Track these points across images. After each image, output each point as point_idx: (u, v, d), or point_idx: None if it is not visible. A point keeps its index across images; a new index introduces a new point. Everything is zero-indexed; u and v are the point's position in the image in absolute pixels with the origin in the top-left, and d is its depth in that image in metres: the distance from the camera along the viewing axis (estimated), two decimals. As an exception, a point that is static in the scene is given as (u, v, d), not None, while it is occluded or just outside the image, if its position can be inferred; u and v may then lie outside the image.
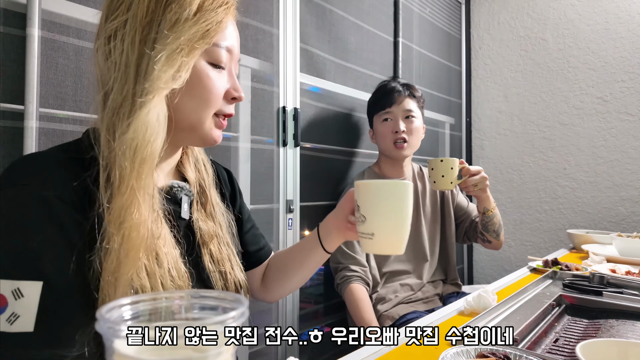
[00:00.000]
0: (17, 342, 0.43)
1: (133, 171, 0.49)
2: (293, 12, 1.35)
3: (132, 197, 0.49)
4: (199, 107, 0.58)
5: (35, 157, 0.52)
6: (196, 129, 0.60)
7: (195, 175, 0.68)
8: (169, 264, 0.54)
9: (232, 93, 0.62)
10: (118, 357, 0.29)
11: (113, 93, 0.52)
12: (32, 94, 0.77)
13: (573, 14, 2.13)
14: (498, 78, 2.38)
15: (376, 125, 1.45)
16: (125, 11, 0.53)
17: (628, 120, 1.97)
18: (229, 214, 0.73)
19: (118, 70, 0.52)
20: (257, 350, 1.26)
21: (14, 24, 0.77)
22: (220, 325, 0.30)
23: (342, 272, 1.31)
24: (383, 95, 1.41)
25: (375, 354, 0.64)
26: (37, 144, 0.78)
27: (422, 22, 2.06)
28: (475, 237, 1.50)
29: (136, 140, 0.49)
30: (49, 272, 0.46)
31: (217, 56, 0.59)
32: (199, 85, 0.57)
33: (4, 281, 0.44)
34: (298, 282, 0.83)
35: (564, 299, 0.89)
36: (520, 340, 0.68)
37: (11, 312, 0.43)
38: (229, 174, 0.82)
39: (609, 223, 2.00)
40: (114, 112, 0.51)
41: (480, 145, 2.44)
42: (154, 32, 0.52)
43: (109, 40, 0.53)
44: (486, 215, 1.35)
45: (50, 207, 0.47)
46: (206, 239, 0.65)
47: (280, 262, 0.84)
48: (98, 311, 0.31)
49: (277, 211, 1.31)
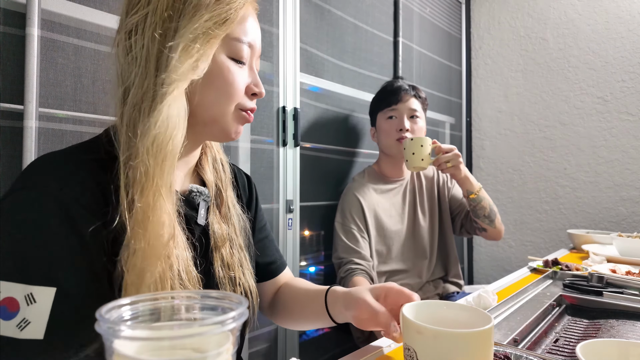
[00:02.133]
0: (25, 350, 0.42)
1: (157, 168, 0.48)
2: (293, 12, 1.35)
3: (157, 195, 0.48)
4: (219, 100, 0.57)
5: (54, 158, 0.51)
6: (217, 122, 0.59)
7: (214, 176, 0.67)
8: (180, 266, 0.53)
9: (252, 89, 0.61)
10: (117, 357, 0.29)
11: (134, 88, 0.51)
12: (32, 93, 0.77)
13: (573, 13, 2.13)
14: (498, 78, 2.38)
15: (380, 122, 1.44)
16: (146, 5, 0.52)
17: (628, 120, 1.97)
18: (245, 216, 0.71)
19: (139, 65, 0.51)
20: (257, 350, 1.26)
21: (14, 24, 0.77)
22: (220, 325, 0.30)
23: (346, 266, 1.30)
24: (389, 94, 1.41)
25: (375, 354, 0.64)
26: (37, 144, 0.78)
27: (422, 21, 2.06)
28: (472, 229, 1.48)
29: (160, 136, 0.49)
30: (63, 278, 0.45)
31: (238, 51, 0.58)
32: (220, 78, 0.56)
33: (17, 285, 0.43)
34: (303, 326, 0.79)
35: (564, 299, 0.89)
36: (521, 341, 0.68)
37: (22, 317, 0.42)
38: (248, 180, 0.81)
39: (610, 223, 2.00)
40: (135, 107, 0.50)
41: (481, 145, 2.44)
42: (174, 24, 0.52)
43: (129, 35, 0.52)
44: (471, 199, 1.33)
45: (67, 211, 0.46)
46: (219, 243, 0.64)
47: (289, 299, 0.79)
48: (98, 311, 0.31)
49: (276, 211, 1.31)
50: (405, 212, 1.47)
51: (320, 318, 0.71)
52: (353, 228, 1.34)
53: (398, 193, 1.47)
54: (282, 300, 0.79)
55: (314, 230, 1.46)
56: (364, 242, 1.33)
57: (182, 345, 0.29)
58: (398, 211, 1.45)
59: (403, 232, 1.44)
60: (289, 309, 0.78)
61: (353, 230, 1.33)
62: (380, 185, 1.44)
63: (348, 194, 1.39)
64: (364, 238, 1.34)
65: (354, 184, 1.42)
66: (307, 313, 0.74)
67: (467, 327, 0.46)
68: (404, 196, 1.48)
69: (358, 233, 1.33)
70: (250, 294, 0.67)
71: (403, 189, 1.49)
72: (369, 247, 1.35)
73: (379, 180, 1.45)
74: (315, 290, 0.74)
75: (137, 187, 0.48)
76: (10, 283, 0.43)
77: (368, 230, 1.35)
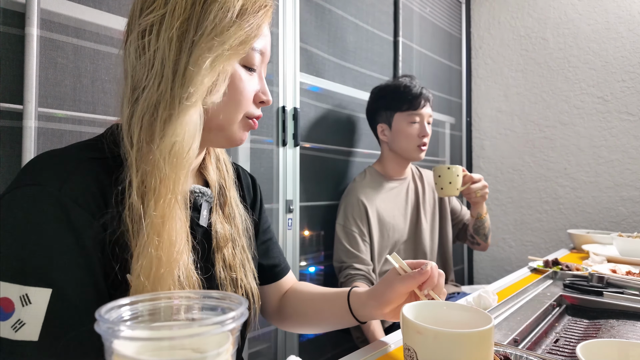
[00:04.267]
0: (19, 351, 0.41)
1: (174, 176, 0.48)
2: (293, 12, 1.35)
3: (174, 203, 0.48)
4: (228, 108, 0.57)
5: (55, 156, 0.50)
6: (224, 130, 0.58)
7: (217, 176, 0.67)
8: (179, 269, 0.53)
9: (260, 97, 0.61)
10: (117, 357, 0.29)
11: (147, 91, 0.50)
12: (31, 93, 0.77)
13: (574, 13, 2.13)
14: (498, 77, 2.38)
15: (400, 123, 1.40)
16: (163, 5, 0.51)
17: (629, 120, 1.97)
18: (248, 217, 0.70)
19: (152, 67, 0.50)
20: (257, 350, 1.26)
21: (13, 23, 0.77)
22: (220, 325, 0.30)
23: (346, 271, 1.30)
24: (413, 97, 1.38)
25: (375, 354, 0.64)
26: (36, 143, 0.77)
27: (422, 21, 2.06)
28: (464, 239, 1.61)
29: (177, 145, 0.48)
30: (60, 279, 0.44)
31: (251, 59, 0.57)
32: (231, 88, 0.56)
33: (13, 285, 0.42)
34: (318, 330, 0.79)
35: (565, 299, 0.89)
36: (521, 341, 0.68)
37: (17, 318, 0.41)
38: (253, 181, 0.80)
39: (610, 223, 2.00)
40: (148, 110, 0.50)
41: (481, 145, 2.44)
42: (192, 30, 0.50)
43: (142, 34, 0.51)
44: (479, 219, 1.45)
45: (66, 211, 0.46)
46: (221, 244, 0.63)
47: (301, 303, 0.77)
48: (97, 311, 0.30)
49: (276, 211, 1.31)
50: (408, 212, 1.47)
51: (341, 319, 0.71)
52: (354, 231, 1.33)
53: (400, 192, 1.47)
54: (293, 304, 0.78)
55: (313, 231, 1.46)
56: (364, 246, 1.33)
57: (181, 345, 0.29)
58: (401, 210, 1.45)
59: (405, 232, 1.44)
60: (301, 312, 0.76)
61: (354, 233, 1.33)
62: (382, 185, 1.44)
63: (350, 195, 1.39)
64: (365, 242, 1.34)
65: (355, 185, 1.41)
66: (326, 315, 0.73)
67: (467, 327, 0.46)
68: (407, 195, 1.49)
69: (359, 236, 1.33)
70: (251, 295, 0.66)
71: (405, 189, 1.49)
72: (369, 250, 1.35)
73: (381, 180, 1.45)
74: (335, 292, 0.74)
75: (152, 195, 0.48)
76: (5, 283, 0.42)
77: (370, 233, 1.35)
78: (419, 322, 0.47)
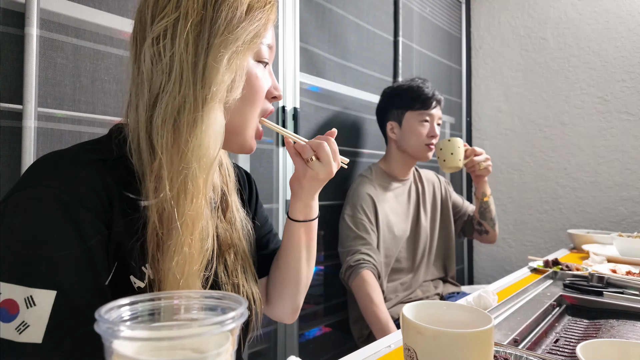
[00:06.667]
0: (23, 353, 0.41)
1: (202, 174, 0.50)
2: (293, 11, 1.35)
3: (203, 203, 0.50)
4: (244, 107, 0.57)
5: (61, 157, 0.50)
6: (239, 134, 0.59)
7: (220, 181, 0.67)
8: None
9: (272, 92, 0.62)
10: (117, 357, 0.29)
11: (168, 95, 0.50)
12: (31, 93, 0.77)
13: (574, 13, 2.13)
14: (498, 77, 2.38)
15: (411, 122, 1.42)
16: (174, 9, 0.51)
17: (629, 120, 1.97)
18: (249, 221, 0.71)
19: (171, 72, 0.50)
20: (257, 350, 1.26)
21: (13, 23, 0.77)
22: (219, 325, 0.30)
23: (355, 255, 1.28)
24: (426, 97, 1.41)
25: (375, 354, 0.64)
26: (36, 143, 0.77)
27: (422, 21, 2.06)
28: (471, 232, 1.58)
29: (205, 145, 0.50)
30: (64, 281, 0.44)
31: (262, 53, 0.59)
32: (247, 85, 0.56)
33: (18, 287, 0.42)
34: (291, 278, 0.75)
35: (565, 299, 0.89)
36: (521, 341, 0.68)
37: (21, 320, 0.41)
38: (248, 177, 0.81)
39: (610, 223, 2.00)
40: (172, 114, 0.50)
41: (481, 145, 2.44)
42: (207, 31, 0.51)
43: (157, 40, 0.51)
44: (484, 201, 1.43)
45: (72, 213, 0.45)
46: (223, 249, 0.64)
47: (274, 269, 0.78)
48: (97, 311, 0.30)
49: (276, 211, 1.31)
50: (410, 212, 1.48)
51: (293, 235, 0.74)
52: (364, 220, 1.33)
53: (403, 192, 1.48)
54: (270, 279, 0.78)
55: (313, 230, 1.46)
56: (373, 235, 1.34)
57: (181, 345, 0.29)
58: (404, 210, 1.46)
59: (407, 231, 1.45)
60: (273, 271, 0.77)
61: (364, 222, 1.33)
62: (387, 184, 1.45)
63: (359, 189, 1.39)
64: (374, 232, 1.34)
65: (363, 180, 1.42)
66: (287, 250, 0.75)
67: (467, 327, 0.46)
68: (409, 196, 1.49)
69: (369, 225, 1.33)
70: (253, 301, 0.66)
71: (408, 189, 1.50)
72: (377, 241, 1.35)
73: (386, 179, 1.46)
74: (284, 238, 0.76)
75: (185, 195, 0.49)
76: (10, 285, 0.42)
77: (378, 226, 1.35)
78: (419, 322, 0.47)
